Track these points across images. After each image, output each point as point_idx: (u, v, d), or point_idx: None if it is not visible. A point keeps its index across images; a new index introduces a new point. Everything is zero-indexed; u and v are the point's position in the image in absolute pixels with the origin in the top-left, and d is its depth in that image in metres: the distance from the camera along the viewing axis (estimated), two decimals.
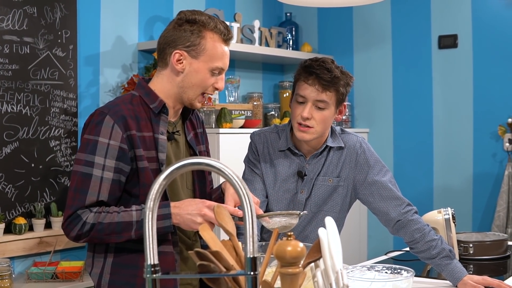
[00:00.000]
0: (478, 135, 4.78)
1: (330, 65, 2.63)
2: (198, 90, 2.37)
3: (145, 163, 2.29)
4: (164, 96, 2.38)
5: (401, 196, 2.72)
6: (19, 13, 3.78)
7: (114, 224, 2.22)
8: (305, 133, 2.63)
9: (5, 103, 3.73)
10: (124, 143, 2.26)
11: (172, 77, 2.37)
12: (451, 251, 2.63)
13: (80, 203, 2.24)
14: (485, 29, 4.73)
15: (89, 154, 2.26)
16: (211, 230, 1.68)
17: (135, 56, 4.41)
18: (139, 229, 2.22)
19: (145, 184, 2.29)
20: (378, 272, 2.36)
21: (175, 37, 2.33)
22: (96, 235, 2.23)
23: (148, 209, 1.33)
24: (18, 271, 3.79)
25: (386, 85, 5.17)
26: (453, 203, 4.54)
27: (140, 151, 2.28)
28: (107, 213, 2.23)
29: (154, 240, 1.32)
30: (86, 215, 2.22)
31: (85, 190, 2.24)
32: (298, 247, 1.39)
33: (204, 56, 2.33)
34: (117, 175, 2.26)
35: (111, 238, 2.25)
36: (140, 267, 2.32)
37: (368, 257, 4.96)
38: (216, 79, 2.38)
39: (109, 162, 2.25)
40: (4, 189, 3.73)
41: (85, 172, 2.25)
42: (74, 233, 2.24)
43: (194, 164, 1.32)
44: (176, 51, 2.33)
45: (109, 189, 2.26)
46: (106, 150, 2.25)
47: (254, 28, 4.79)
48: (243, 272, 1.29)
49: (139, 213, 2.23)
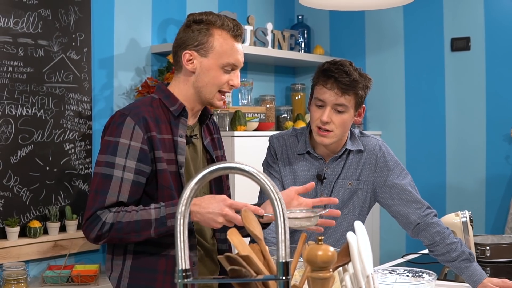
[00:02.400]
0: (491, 138, 4.77)
1: (348, 68, 2.62)
2: (213, 88, 2.37)
3: (164, 165, 2.29)
4: (182, 98, 2.39)
5: (421, 199, 2.71)
6: (33, 16, 3.79)
7: (133, 222, 2.21)
8: (325, 137, 2.63)
9: (20, 106, 3.73)
10: (145, 144, 2.26)
11: (187, 78, 2.38)
12: (470, 254, 2.62)
13: (100, 204, 2.24)
14: (498, 32, 4.71)
15: (110, 155, 2.26)
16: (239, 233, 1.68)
17: (148, 59, 4.41)
18: (158, 227, 2.21)
19: (163, 186, 2.29)
20: (400, 275, 2.35)
21: (185, 39, 2.36)
22: (115, 234, 2.23)
23: (179, 214, 1.33)
24: (33, 274, 3.79)
25: (398, 87, 5.16)
26: (466, 205, 4.52)
27: (159, 152, 2.29)
28: (126, 212, 2.23)
29: (185, 245, 1.32)
30: (105, 215, 2.22)
31: (105, 191, 2.24)
32: (329, 252, 1.39)
33: (213, 53, 2.34)
34: (137, 176, 2.26)
35: (130, 238, 2.24)
36: (159, 271, 2.32)
37: (381, 260, 4.94)
38: (230, 76, 2.38)
39: (129, 163, 2.25)
40: (19, 193, 3.73)
41: (105, 173, 2.25)
42: (94, 234, 2.24)
43: (227, 168, 1.32)
44: (186, 51, 2.35)
45: (129, 190, 2.26)
46: (127, 151, 2.25)
47: (267, 31, 4.79)
48: (276, 277, 1.29)
49: (158, 211, 2.22)
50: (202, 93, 2.38)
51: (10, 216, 3.68)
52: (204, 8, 4.64)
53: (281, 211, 1.30)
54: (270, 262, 1.62)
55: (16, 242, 3.66)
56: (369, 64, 5.27)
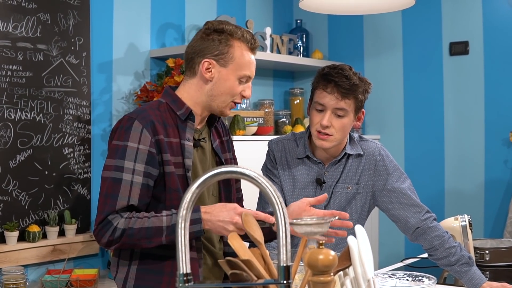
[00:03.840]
0: (489, 142, 4.77)
1: (348, 73, 2.62)
2: (227, 98, 2.39)
3: (172, 168, 2.30)
4: (191, 103, 2.40)
5: (420, 203, 2.71)
6: (32, 20, 3.79)
7: (144, 229, 2.22)
8: (325, 141, 2.63)
9: (19, 111, 3.73)
10: (153, 147, 2.27)
11: (201, 85, 2.39)
12: (470, 258, 2.62)
13: (111, 208, 2.24)
14: (496, 36, 4.72)
15: (118, 159, 2.27)
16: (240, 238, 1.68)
17: (147, 63, 4.41)
18: (170, 234, 2.21)
19: (171, 189, 2.30)
20: (399, 279, 2.35)
21: (204, 47, 2.37)
22: (126, 240, 2.23)
23: (180, 218, 1.33)
24: (32, 279, 3.78)
25: (397, 92, 5.16)
26: (465, 209, 4.52)
27: (167, 155, 2.30)
28: (137, 218, 2.23)
29: (186, 249, 1.32)
30: (117, 220, 2.23)
31: (116, 195, 2.24)
32: (329, 256, 1.39)
33: (233, 64, 2.36)
34: (146, 179, 2.27)
35: (141, 244, 2.25)
36: (165, 273, 2.33)
37: (380, 264, 4.94)
38: (243, 87, 2.41)
39: (138, 166, 2.26)
40: (17, 197, 3.73)
41: (115, 177, 2.26)
42: (105, 239, 2.24)
43: (228, 172, 1.32)
44: (205, 60, 2.35)
45: (139, 194, 2.26)
46: (136, 155, 2.26)
47: (265, 35, 4.79)
48: (277, 281, 1.29)
49: (169, 218, 2.23)
50: (215, 101, 2.39)
51: (9, 221, 3.68)
52: (203, 13, 4.70)
53: (282, 215, 1.30)
54: (271, 266, 1.62)
55: (15, 247, 3.66)
56: (368, 68, 5.27)
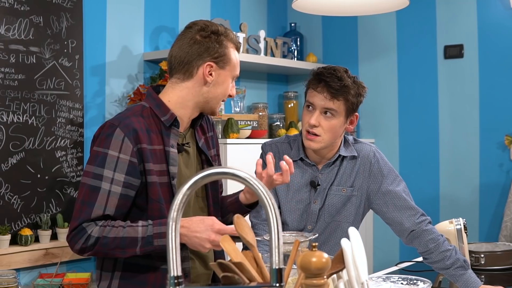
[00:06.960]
0: (484, 145, 4.76)
1: (341, 74, 2.62)
2: (220, 99, 2.39)
3: (154, 177, 2.25)
4: (179, 107, 2.35)
5: (415, 206, 2.70)
6: (25, 22, 3.77)
7: (119, 239, 2.18)
8: (312, 142, 2.62)
9: (11, 113, 3.71)
10: (134, 156, 2.22)
11: (197, 88, 2.34)
12: (465, 261, 2.61)
13: (86, 215, 2.20)
14: (491, 39, 4.71)
15: (97, 166, 2.22)
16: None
17: (141, 66, 4.40)
18: (144, 246, 2.18)
19: (152, 200, 2.26)
20: (394, 283, 2.33)
21: (202, 49, 2.31)
22: (100, 249, 2.20)
23: (171, 220, 1.31)
24: (24, 282, 3.76)
25: (391, 95, 5.15)
26: (460, 213, 4.50)
27: (149, 165, 2.25)
28: (112, 227, 2.20)
29: (177, 252, 1.30)
30: (91, 228, 2.19)
31: (92, 203, 2.20)
32: (323, 258, 1.37)
33: (229, 66, 2.36)
34: (125, 190, 2.22)
35: (115, 253, 2.22)
36: (148, 283, 2.29)
37: (375, 268, 4.92)
38: (231, 87, 2.42)
39: (118, 176, 2.21)
40: (10, 200, 3.71)
41: (93, 185, 2.21)
42: (78, 246, 2.21)
43: (219, 173, 1.30)
44: (207, 63, 2.31)
45: (116, 204, 2.22)
46: (116, 164, 2.21)
47: (259, 38, 4.78)
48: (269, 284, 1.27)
49: (145, 229, 2.19)
50: (210, 103, 2.37)
51: (1, 224, 3.66)
52: (197, 16, 4.67)
53: (274, 217, 1.28)
54: (263, 269, 1.60)
55: (7, 250, 3.63)
56: (362, 71, 5.26)
